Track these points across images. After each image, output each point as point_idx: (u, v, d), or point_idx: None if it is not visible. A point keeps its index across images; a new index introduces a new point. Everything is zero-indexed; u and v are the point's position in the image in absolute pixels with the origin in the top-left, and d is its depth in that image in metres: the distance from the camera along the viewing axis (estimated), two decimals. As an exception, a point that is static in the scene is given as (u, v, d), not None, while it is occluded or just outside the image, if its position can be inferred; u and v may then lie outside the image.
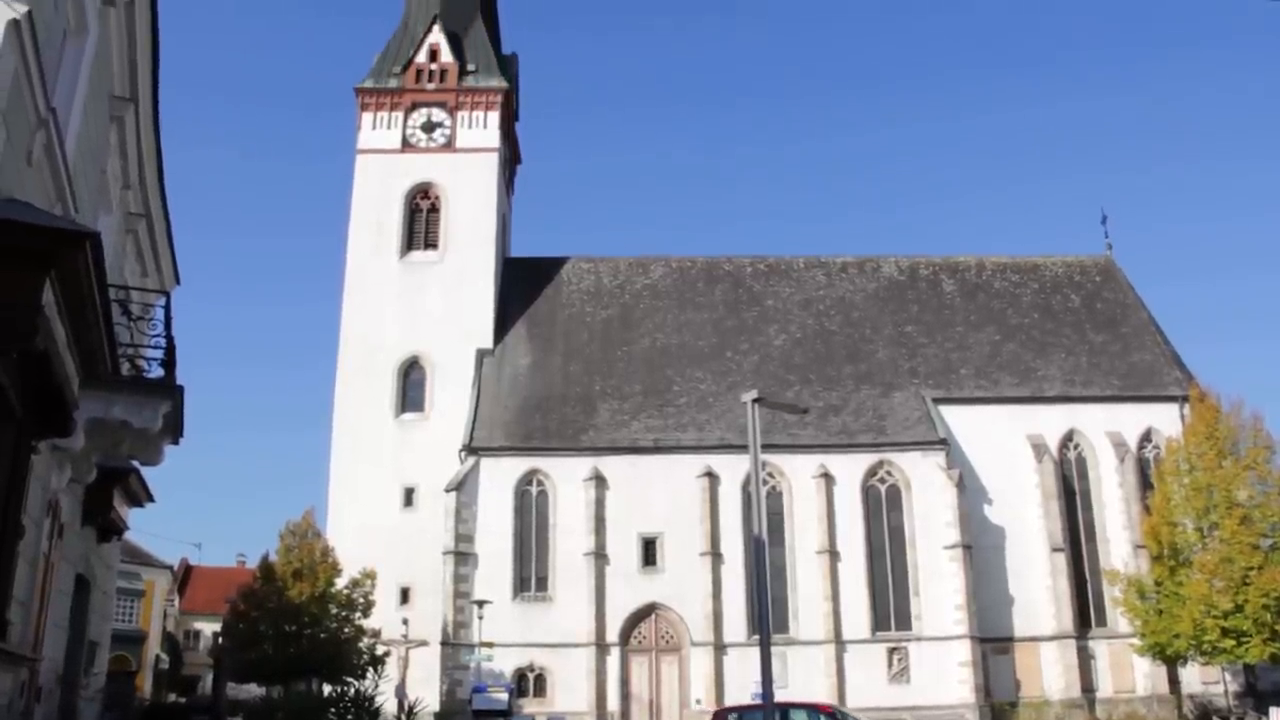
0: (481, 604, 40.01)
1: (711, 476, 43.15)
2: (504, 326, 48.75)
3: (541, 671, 41.82)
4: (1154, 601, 37.19)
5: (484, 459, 43.69)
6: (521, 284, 50.65)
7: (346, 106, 52.66)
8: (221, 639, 45.83)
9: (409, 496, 45.35)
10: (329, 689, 38.15)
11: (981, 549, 42.87)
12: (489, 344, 47.81)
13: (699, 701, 40.91)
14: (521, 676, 41.67)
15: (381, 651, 40.49)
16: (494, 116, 51.62)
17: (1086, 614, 43.48)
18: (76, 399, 11.13)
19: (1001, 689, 42.10)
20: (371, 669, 39.85)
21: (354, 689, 38.28)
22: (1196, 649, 35.79)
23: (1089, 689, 42.11)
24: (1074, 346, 48.03)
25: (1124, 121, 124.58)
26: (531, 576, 42.99)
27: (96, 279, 9.67)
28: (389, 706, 37.83)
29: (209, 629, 68.74)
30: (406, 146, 50.89)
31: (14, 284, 8.42)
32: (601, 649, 41.57)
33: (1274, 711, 34.74)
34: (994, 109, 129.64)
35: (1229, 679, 40.60)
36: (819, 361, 47.78)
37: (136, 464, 16.34)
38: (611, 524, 42.81)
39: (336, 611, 39.51)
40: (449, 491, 42.86)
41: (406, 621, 42.99)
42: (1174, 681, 41.59)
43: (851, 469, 43.73)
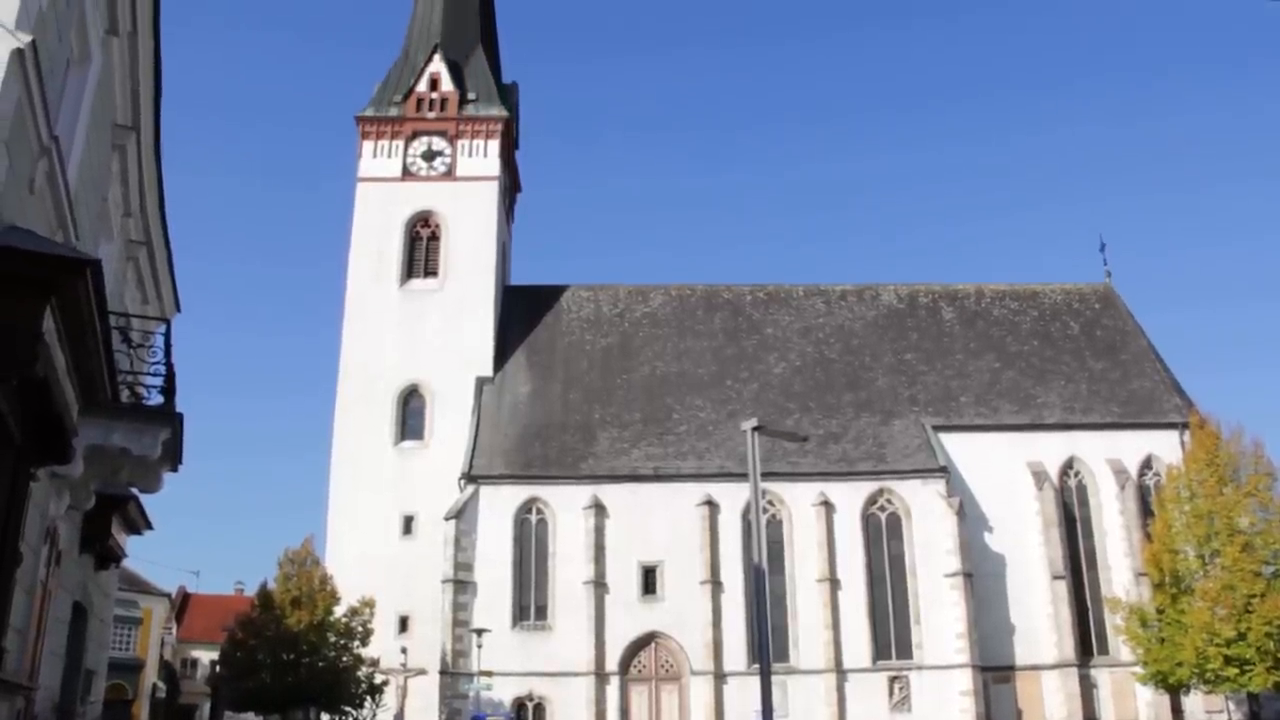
0: (480, 632, 39.84)
1: (711, 505, 43.06)
2: (504, 354, 48.78)
3: (541, 701, 41.58)
4: (1156, 629, 37.02)
5: (483, 487, 43.61)
6: (521, 312, 50.72)
7: (347, 135, 52.97)
8: (219, 667, 45.69)
9: (408, 524, 45.27)
10: (327, 718, 37.96)
11: (982, 577, 42.74)
12: (489, 372, 47.82)
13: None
14: (521, 706, 41.42)
15: (380, 680, 40.35)
16: (494, 145, 51.86)
17: (1088, 642, 43.30)
18: (76, 426, 11.13)
19: (1003, 718, 41.86)
20: (370, 698, 39.69)
21: (352, 718, 38.11)
22: (1199, 677, 35.60)
23: (1091, 718, 41.88)
24: (1073, 374, 48.05)
25: (1122, 149, 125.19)
26: (531, 605, 42.81)
27: (97, 306, 9.68)
28: (387, 736, 37.64)
29: (207, 657, 68.37)
30: (407, 175, 51.11)
31: (15, 311, 8.43)
32: (601, 678, 41.35)
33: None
34: (992, 137, 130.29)
35: (1232, 708, 40.37)
36: (819, 389, 47.78)
37: (135, 491, 16.30)
38: (611, 552, 42.69)
39: (335, 640, 39.36)
40: (448, 520, 42.75)
41: (405, 650, 42.86)
42: (1177, 710, 41.37)
43: (851, 497, 43.65)
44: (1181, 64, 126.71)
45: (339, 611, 39.91)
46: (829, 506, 43.18)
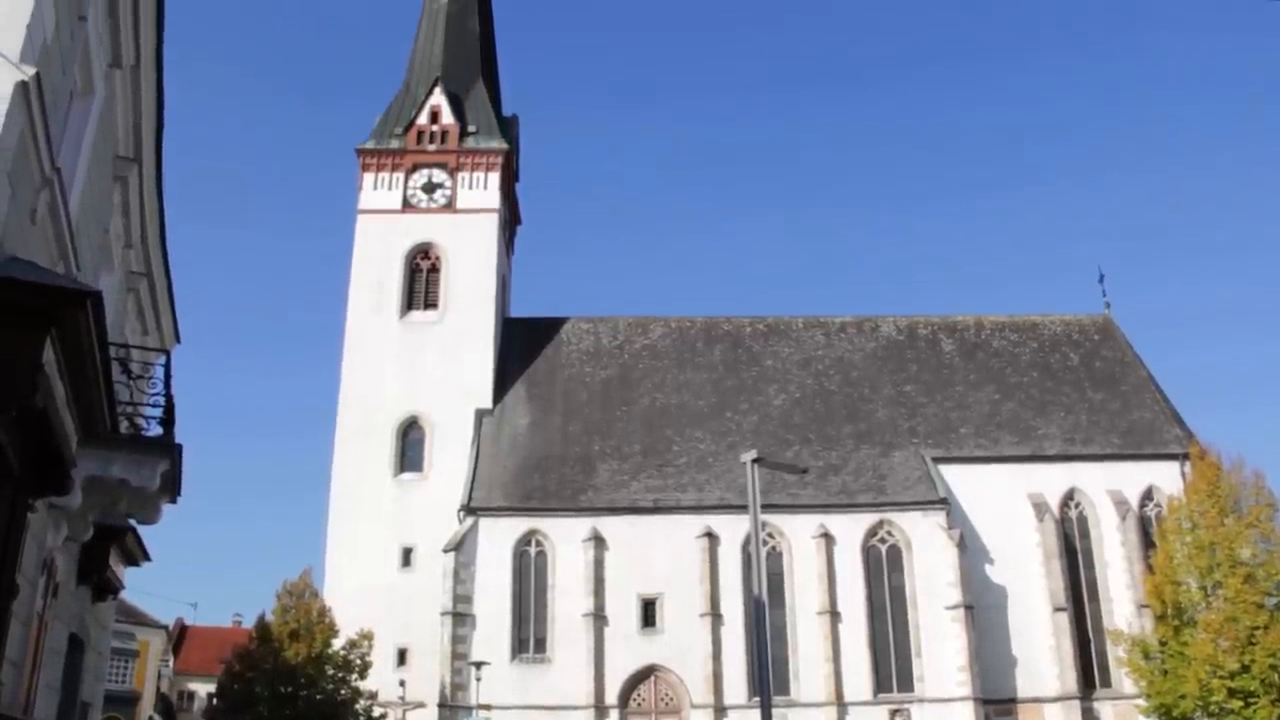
0: (479, 665, 39.57)
1: (711, 537, 42.95)
2: (503, 386, 48.78)
3: (540, 734, 41.32)
4: (1159, 662, 36.73)
5: (483, 519, 43.51)
6: (521, 344, 50.77)
7: (348, 167, 53.22)
8: (216, 700, 45.21)
9: (407, 557, 45.13)
10: (324, 752, 37.66)
11: (983, 609, 42.56)
12: (488, 404, 47.81)
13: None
14: (520, 740, 41.15)
15: (378, 714, 40.02)
16: (494, 177, 52.10)
17: (1090, 674, 43.07)
18: (75, 457, 11.11)
19: (1006, 752, 41.61)
20: (368, 732, 39.36)
21: (350, 752, 37.77)
22: (1203, 710, 35.28)
23: (1094, 751, 41.60)
24: (1073, 405, 48.04)
25: (1120, 181, 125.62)
26: (530, 638, 42.62)
27: (97, 337, 9.70)
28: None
29: (204, 690, 67.81)
30: (407, 207, 51.31)
31: (15, 342, 8.44)
32: (600, 711, 41.10)
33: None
34: (991, 167, 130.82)
35: (1236, 741, 40.01)
36: (818, 421, 47.75)
37: (134, 523, 16.26)
38: (611, 585, 42.55)
39: (333, 673, 39.06)
40: (447, 552, 42.64)
41: (404, 683, 42.58)
42: (1181, 744, 41.01)
43: (852, 529, 43.54)
44: (1180, 97, 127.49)
45: (337, 644, 39.64)
46: (829, 538, 43.06)
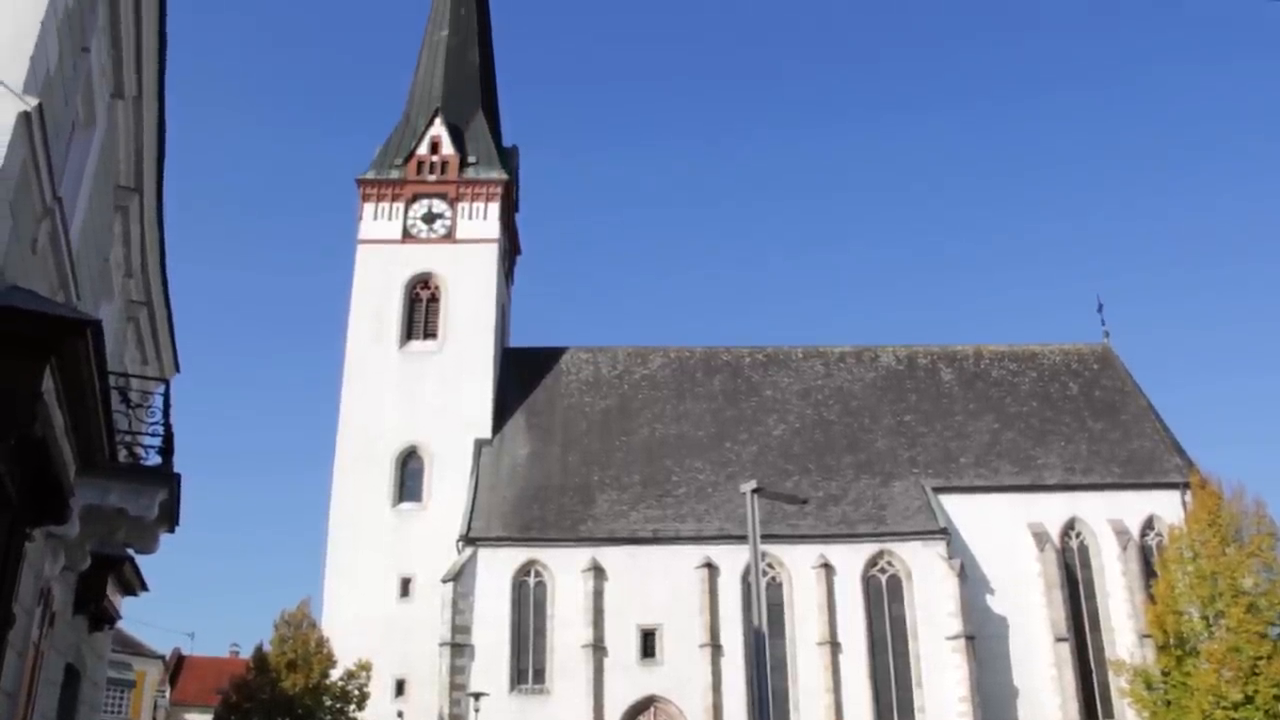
0: (478, 696, 39.34)
1: (711, 567, 42.81)
2: (502, 416, 48.76)
3: (539, 767, 41.05)
4: (1161, 692, 36.53)
5: (481, 549, 43.38)
6: (520, 374, 50.79)
7: (348, 197, 53.44)
8: (213, 733, 45.01)
9: (406, 587, 44.97)
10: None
11: (984, 639, 42.36)
12: (487, 434, 47.78)
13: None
14: (518, 772, 40.88)
15: (376, 746, 39.78)
16: (494, 208, 52.28)
17: (1093, 705, 42.82)
18: (73, 486, 11.11)
19: (1008, 784, 41.32)
20: (366, 763, 39.10)
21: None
22: (1206, 741, 35.13)
23: (1097, 784, 41.32)
24: (1073, 434, 48.01)
25: (1119, 210, 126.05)
26: (529, 668, 42.40)
27: (97, 367, 9.71)
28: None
29: (201, 722, 67.45)
30: (407, 237, 51.46)
31: (15, 370, 8.45)
32: (600, 743, 40.86)
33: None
34: (989, 197, 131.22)
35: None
36: (818, 451, 47.70)
37: (131, 552, 16.22)
38: (610, 615, 42.38)
39: (331, 704, 38.90)
40: (446, 582, 42.48)
41: (402, 714, 42.33)
42: (1184, 775, 40.73)
43: (852, 559, 43.41)
44: (1178, 125, 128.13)
45: (335, 674, 39.49)
46: (829, 569, 42.93)
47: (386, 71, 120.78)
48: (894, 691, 42.13)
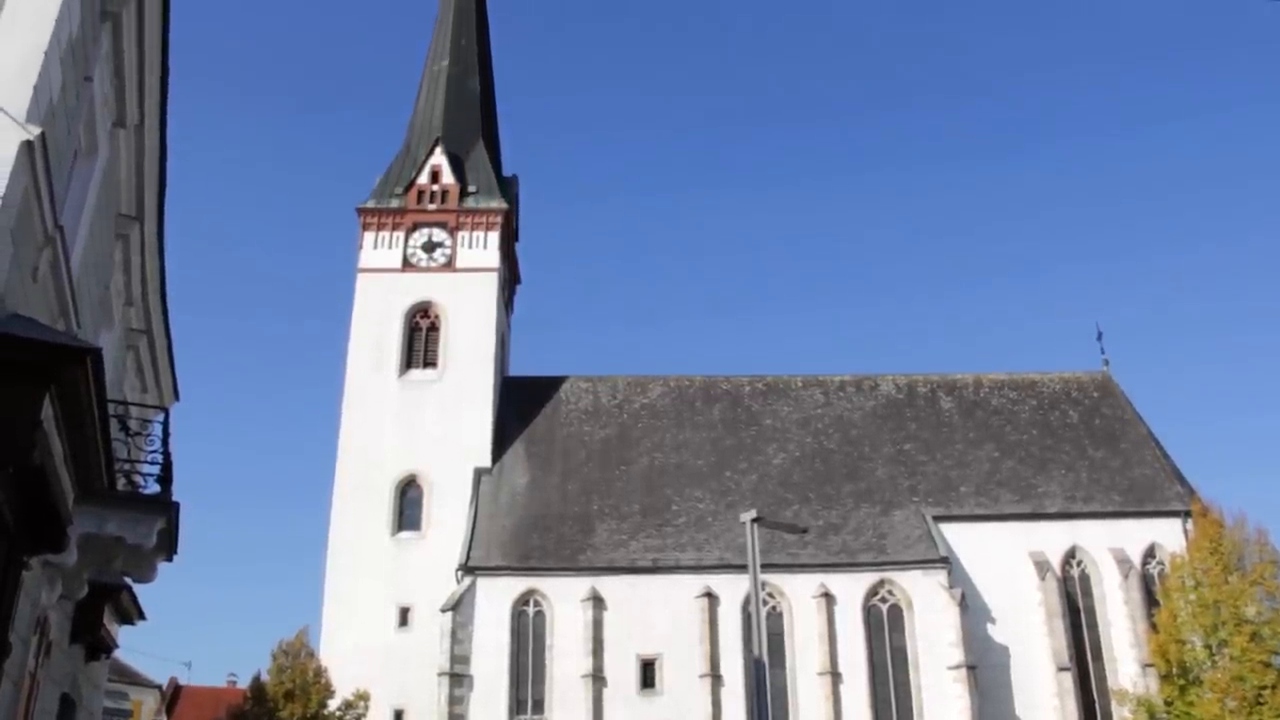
0: (477, 728, 39.17)
1: (711, 597, 42.65)
2: (502, 445, 48.70)
3: (538, 799, 40.76)
4: (1165, 722, 36.41)
5: (481, 579, 43.22)
6: (520, 403, 50.78)
7: (348, 225, 53.57)
8: (210, 764, 44.79)
9: (404, 616, 44.77)
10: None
11: (986, 669, 42.15)
12: (487, 463, 47.71)
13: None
14: (517, 804, 40.59)
15: (374, 776, 39.51)
16: (494, 237, 52.42)
17: (1096, 736, 42.58)
18: (71, 514, 11.07)
19: (1011, 816, 41.01)
20: (364, 795, 38.82)
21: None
22: (1211, 772, 34.89)
23: (1101, 816, 41.00)
24: (1073, 462, 47.95)
25: (1118, 239, 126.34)
26: (528, 699, 42.14)
27: (96, 395, 9.71)
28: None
29: (197, 754, 66.94)
30: (407, 266, 51.58)
31: (14, 398, 8.45)
32: (599, 775, 40.57)
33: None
34: (988, 229, 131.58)
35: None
36: (818, 480, 47.62)
37: (129, 580, 16.16)
38: (609, 645, 42.18)
39: (329, 734, 38.69)
40: (445, 611, 42.29)
41: (400, 745, 42.07)
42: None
43: (852, 588, 43.24)
44: (1176, 154, 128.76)
45: (333, 705, 39.29)
46: (829, 598, 42.76)
47: (387, 101, 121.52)
48: (895, 722, 41.91)
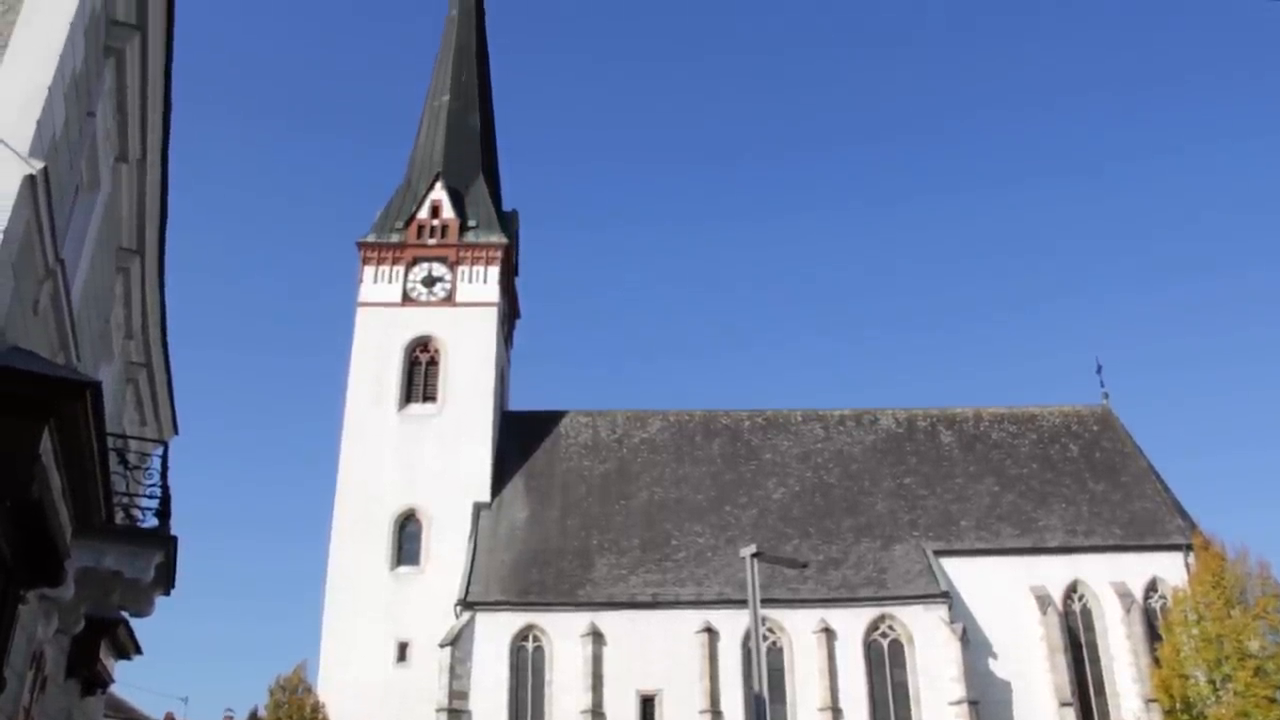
0: (475, 765, 38.88)
1: (711, 632, 42.43)
2: (501, 480, 48.62)
3: (536, 837, 40.37)
4: (1168, 759, 36.15)
5: (480, 614, 43.01)
6: (519, 437, 50.73)
7: (348, 260, 53.74)
8: (206, 803, 44.49)
9: (403, 651, 44.53)
10: None
11: (988, 704, 41.86)
12: (486, 497, 47.62)
13: None
14: (516, 843, 40.20)
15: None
16: (494, 271, 52.55)
17: (1099, 772, 42.25)
18: (69, 548, 11.04)
19: None
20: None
21: None
22: (1215, 810, 34.63)
23: None
24: (1074, 496, 47.85)
25: (1117, 272, 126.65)
26: (527, 736, 41.86)
27: (95, 429, 9.71)
28: None
29: (193, 793, 66.39)
30: (407, 300, 51.68)
31: (13, 432, 8.46)
32: (599, 813, 40.22)
33: None
34: (987, 262, 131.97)
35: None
36: (818, 515, 47.50)
37: (126, 614, 16.09)
38: (609, 681, 41.91)
39: (326, 772, 38.42)
40: (444, 647, 42.06)
41: (398, 783, 41.72)
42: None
43: (853, 624, 43.02)
44: (1173, 186, 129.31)
45: (330, 742, 39.04)
46: (830, 633, 42.54)
47: (388, 136, 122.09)
48: (897, 759, 41.60)
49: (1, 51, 9.91)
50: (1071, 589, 44.75)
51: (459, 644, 42.17)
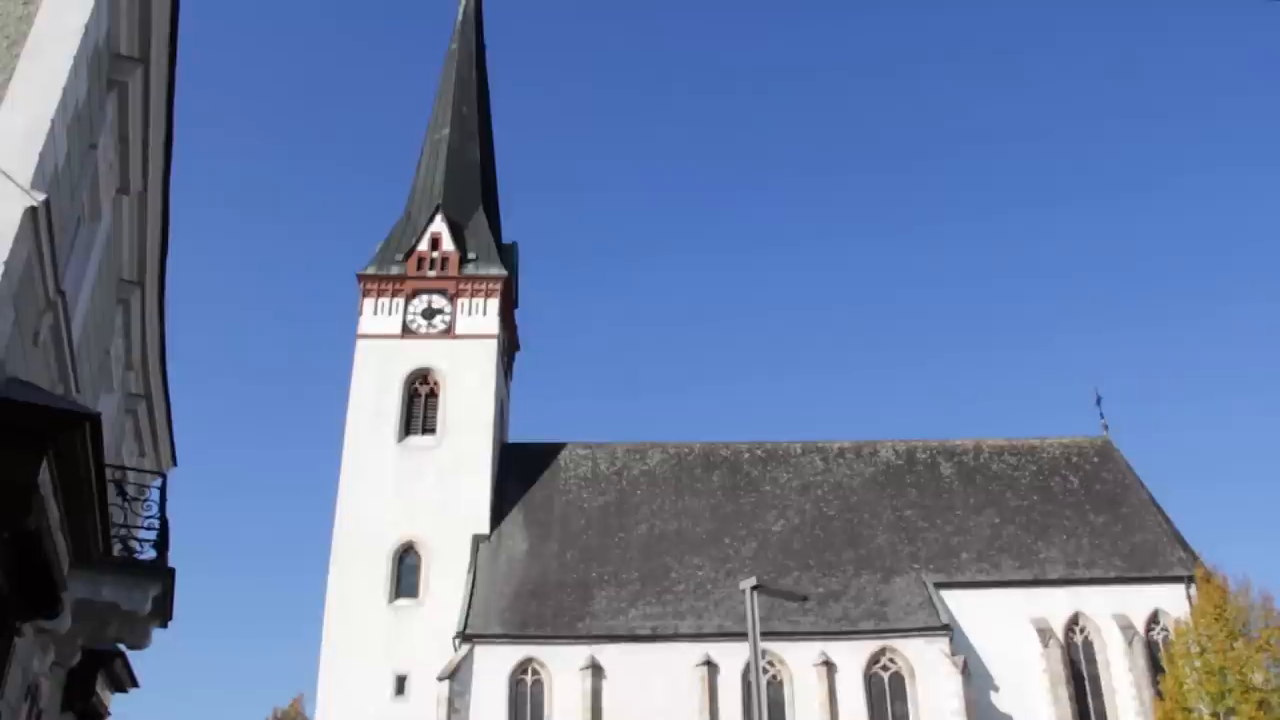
0: (473, 801, 38.53)
1: (710, 665, 42.18)
2: (500, 512, 48.46)
3: None
4: (1173, 794, 35.84)
5: (478, 647, 42.77)
6: (519, 470, 50.61)
7: (348, 292, 53.78)
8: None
9: (401, 685, 44.22)
10: None
11: (991, 739, 41.60)
12: (485, 530, 47.45)
13: None
14: None
15: None
16: (494, 303, 52.61)
17: (1102, 807, 41.87)
18: (65, 580, 11.01)
19: None
20: None
21: None
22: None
23: None
24: (1075, 528, 47.69)
25: (1116, 304, 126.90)
26: (526, 771, 41.53)
27: (94, 460, 9.71)
28: None
29: (189, 830, 65.89)
30: (406, 332, 51.70)
31: (11, 463, 8.46)
32: None
33: None
34: (985, 290, 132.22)
35: None
36: (818, 547, 47.33)
37: (122, 647, 16.01)
38: (608, 715, 41.60)
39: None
40: (442, 680, 41.80)
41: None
42: None
43: (853, 657, 42.77)
44: (1171, 213, 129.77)
45: (328, 778, 38.73)
46: (830, 666, 42.29)
47: (388, 168, 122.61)
48: (899, 794, 41.25)
49: (5, 84, 9.98)
50: (1073, 621, 44.52)
51: (457, 677, 41.91)
